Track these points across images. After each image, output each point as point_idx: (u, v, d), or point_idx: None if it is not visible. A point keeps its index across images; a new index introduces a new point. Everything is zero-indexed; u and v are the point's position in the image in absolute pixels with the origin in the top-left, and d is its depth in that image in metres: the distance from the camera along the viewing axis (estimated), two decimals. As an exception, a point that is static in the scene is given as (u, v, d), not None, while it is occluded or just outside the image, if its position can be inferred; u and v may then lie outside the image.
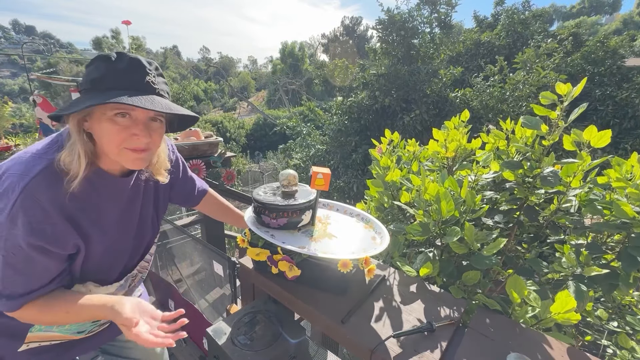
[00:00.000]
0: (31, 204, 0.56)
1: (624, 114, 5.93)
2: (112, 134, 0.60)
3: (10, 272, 0.58)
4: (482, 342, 0.66)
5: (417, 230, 0.88)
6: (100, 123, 0.60)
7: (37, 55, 10.69)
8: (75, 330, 0.77)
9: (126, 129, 0.61)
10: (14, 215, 0.55)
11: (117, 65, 0.58)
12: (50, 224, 0.58)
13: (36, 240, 0.57)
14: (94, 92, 0.58)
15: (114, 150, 0.62)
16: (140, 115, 0.62)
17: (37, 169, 0.58)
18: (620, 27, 30.26)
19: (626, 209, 0.70)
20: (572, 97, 0.79)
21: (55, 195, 0.58)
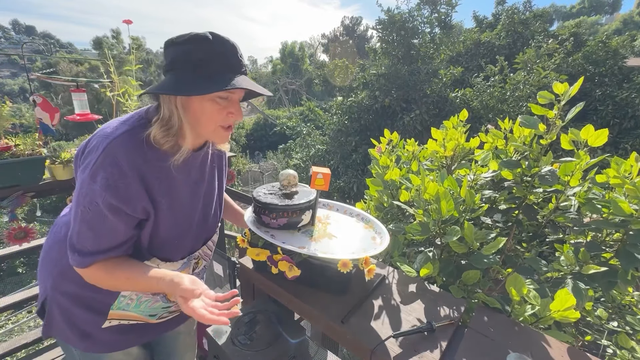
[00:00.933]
0: (110, 162, 0.59)
1: (624, 114, 5.92)
2: (214, 113, 0.64)
3: (85, 227, 0.61)
4: (482, 342, 0.66)
5: (417, 229, 0.88)
6: (202, 103, 0.63)
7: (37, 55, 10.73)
8: (147, 314, 0.80)
9: (225, 109, 0.65)
10: (95, 171, 0.59)
11: (218, 48, 0.61)
12: (125, 183, 0.60)
13: (111, 196, 0.59)
14: (202, 73, 0.60)
15: (210, 128, 0.66)
16: (238, 95, 0.67)
17: (120, 131, 0.62)
18: (620, 27, 30.26)
19: (624, 207, 0.70)
20: (569, 96, 0.80)
21: (133, 158, 0.61)
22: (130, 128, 0.63)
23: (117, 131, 0.62)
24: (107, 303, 0.74)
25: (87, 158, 0.62)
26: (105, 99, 1.66)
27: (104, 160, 0.59)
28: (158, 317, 0.83)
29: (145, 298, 0.77)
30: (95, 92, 9.42)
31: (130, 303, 0.76)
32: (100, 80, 1.63)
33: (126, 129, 0.63)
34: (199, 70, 0.60)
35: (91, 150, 0.62)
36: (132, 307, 0.77)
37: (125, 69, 1.62)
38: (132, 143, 0.62)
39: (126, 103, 1.51)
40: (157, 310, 0.81)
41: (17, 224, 1.27)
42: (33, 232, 1.31)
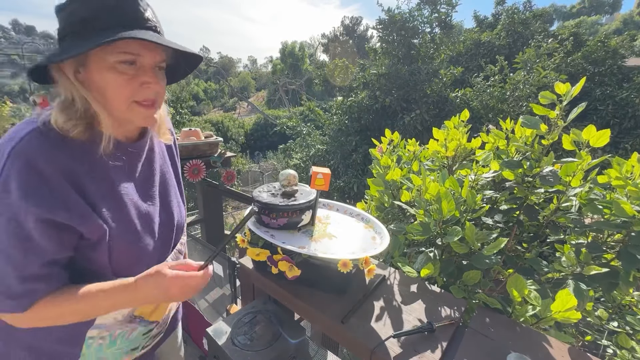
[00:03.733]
0: (23, 165, 0.47)
1: (624, 114, 5.92)
2: (120, 85, 0.51)
3: (3, 261, 0.47)
4: (482, 342, 0.66)
5: (418, 229, 0.88)
6: (101, 73, 0.51)
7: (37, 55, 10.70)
8: (128, 349, 0.67)
9: (134, 78, 0.52)
10: (5, 181, 0.46)
11: (109, 2, 0.49)
12: (48, 186, 0.48)
13: (34, 205, 0.46)
14: (88, 33, 0.48)
15: (122, 106, 0.53)
16: (148, 60, 0.53)
17: (24, 132, 0.49)
18: (621, 27, 30.26)
19: (626, 208, 0.69)
20: (571, 96, 0.79)
21: (51, 155, 0.49)
22: (35, 126, 0.50)
23: (20, 132, 0.49)
24: (74, 354, 0.60)
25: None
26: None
27: (12, 166, 0.47)
28: (141, 348, 0.70)
29: (120, 330, 0.63)
30: (95, 92, 9.34)
31: (103, 342, 0.62)
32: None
33: (33, 127, 0.50)
34: (84, 32, 0.48)
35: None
36: (107, 347, 0.63)
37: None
38: (45, 139, 0.50)
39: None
40: (138, 340, 0.68)
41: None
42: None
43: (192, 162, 2.11)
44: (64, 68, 0.52)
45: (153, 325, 0.70)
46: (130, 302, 0.55)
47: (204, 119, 17.41)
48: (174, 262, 0.57)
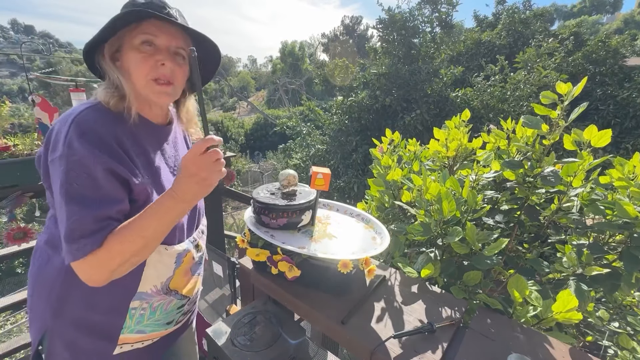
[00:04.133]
0: (85, 129, 0.56)
1: (625, 114, 5.91)
2: (139, 61, 0.61)
3: (76, 206, 0.53)
4: (482, 343, 0.65)
5: (419, 230, 0.88)
6: (128, 54, 0.62)
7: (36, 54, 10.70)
8: (164, 322, 0.75)
9: (151, 56, 0.62)
10: (69, 142, 0.54)
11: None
12: (107, 144, 0.57)
13: (101, 153, 0.55)
14: (114, 18, 0.60)
15: (142, 82, 0.62)
16: (164, 41, 0.63)
17: (82, 107, 0.60)
18: (622, 27, 30.23)
19: (628, 209, 0.69)
20: (573, 96, 0.79)
21: (105, 123, 0.59)
22: (91, 104, 0.61)
23: (80, 107, 0.60)
24: (118, 325, 0.67)
25: (55, 146, 0.57)
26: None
27: (75, 130, 0.55)
28: (175, 323, 0.79)
29: (158, 301, 0.71)
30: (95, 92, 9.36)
31: (144, 313, 0.69)
32: (99, 80, 1.62)
33: (88, 105, 0.61)
34: (114, 17, 0.59)
35: (57, 138, 0.57)
36: (147, 318, 0.71)
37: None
38: (98, 111, 0.60)
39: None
40: (172, 313, 0.77)
41: (16, 224, 1.27)
42: (32, 232, 1.31)
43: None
44: (106, 52, 0.63)
45: (185, 300, 0.78)
46: (177, 205, 0.59)
47: (204, 118, 17.35)
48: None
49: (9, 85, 45.23)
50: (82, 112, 0.58)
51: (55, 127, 0.59)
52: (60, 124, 0.58)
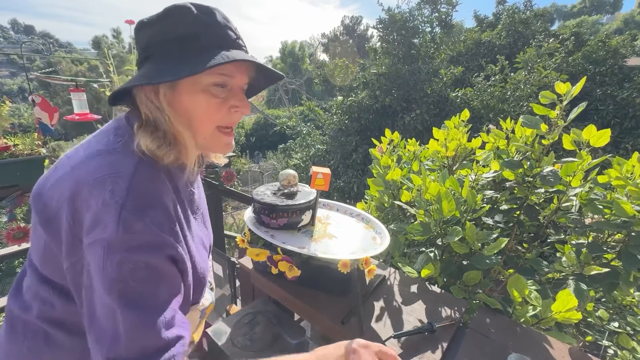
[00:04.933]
0: (147, 202, 0.42)
1: (625, 114, 5.91)
2: (211, 108, 0.48)
3: (135, 314, 0.38)
4: (482, 343, 0.65)
5: (418, 230, 0.88)
6: (193, 95, 0.47)
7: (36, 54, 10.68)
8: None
9: (225, 102, 0.49)
10: (126, 222, 0.39)
11: (204, 18, 0.46)
12: (169, 221, 0.44)
13: (167, 237, 0.43)
14: (188, 52, 0.45)
15: (207, 131, 0.50)
16: (240, 82, 0.51)
17: (129, 163, 0.44)
18: (622, 27, 30.23)
19: (626, 208, 0.69)
20: (572, 96, 0.79)
21: (163, 191, 0.46)
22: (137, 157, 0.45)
23: (123, 164, 0.43)
24: None
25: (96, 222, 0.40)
26: (104, 99, 1.66)
27: (136, 204, 0.41)
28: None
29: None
30: (95, 92, 9.39)
31: None
32: (99, 80, 1.63)
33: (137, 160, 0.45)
34: (181, 51, 0.46)
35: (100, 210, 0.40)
36: None
37: (126, 68, 1.62)
38: (152, 172, 0.46)
39: (126, 102, 1.51)
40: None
41: (16, 224, 1.27)
42: (32, 232, 1.31)
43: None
44: (159, 90, 0.47)
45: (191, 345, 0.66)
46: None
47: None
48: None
49: (9, 85, 45.24)
50: (136, 175, 0.43)
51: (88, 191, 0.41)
52: (100, 187, 0.41)
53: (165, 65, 0.46)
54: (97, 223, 0.40)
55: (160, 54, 0.47)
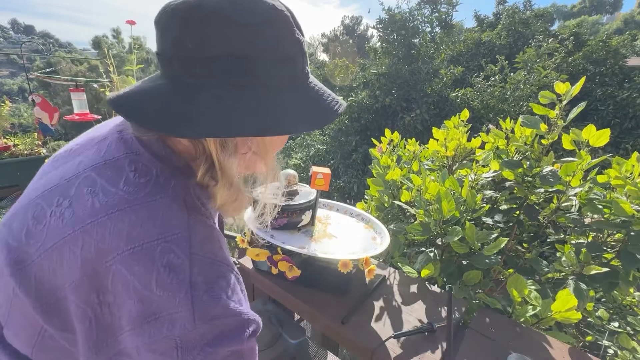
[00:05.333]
0: (216, 271, 0.32)
1: (625, 114, 5.92)
2: (277, 146, 0.40)
3: None
4: (482, 343, 0.65)
5: (418, 229, 0.88)
6: (279, 140, 0.40)
7: (36, 54, 10.68)
8: None
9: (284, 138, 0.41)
10: (202, 308, 0.29)
11: (300, 35, 0.35)
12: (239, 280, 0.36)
13: (249, 319, 0.34)
14: (298, 85, 0.35)
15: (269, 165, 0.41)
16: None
17: (177, 217, 0.32)
18: (621, 27, 30.24)
19: (626, 207, 0.69)
20: (571, 96, 0.79)
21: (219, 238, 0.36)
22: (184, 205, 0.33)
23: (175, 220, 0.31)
24: None
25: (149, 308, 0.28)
26: (104, 99, 1.65)
27: (205, 278, 0.30)
28: None
29: None
30: (95, 92, 9.40)
31: None
32: (99, 80, 1.63)
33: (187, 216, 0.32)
34: (292, 83, 0.34)
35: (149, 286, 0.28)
36: None
37: (126, 68, 1.62)
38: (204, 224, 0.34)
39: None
40: None
41: (17, 223, 1.27)
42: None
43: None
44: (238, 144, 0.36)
45: None
46: None
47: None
48: None
49: (9, 85, 45.24)
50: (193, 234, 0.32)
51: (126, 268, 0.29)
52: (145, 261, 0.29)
53: (279, 102, 0.32)
54: (156, 316, 0.28)
55: (263, 78, 0.32)
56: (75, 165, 0.34)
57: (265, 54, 0.31)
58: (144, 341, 0.28)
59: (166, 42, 0.32)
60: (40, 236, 0.30)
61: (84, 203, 0.30)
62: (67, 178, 0.33)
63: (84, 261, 0.29)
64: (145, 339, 0.28)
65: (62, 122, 13.67)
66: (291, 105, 0.33)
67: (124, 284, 0.28)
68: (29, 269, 0.31)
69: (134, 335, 0.29)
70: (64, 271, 0.29)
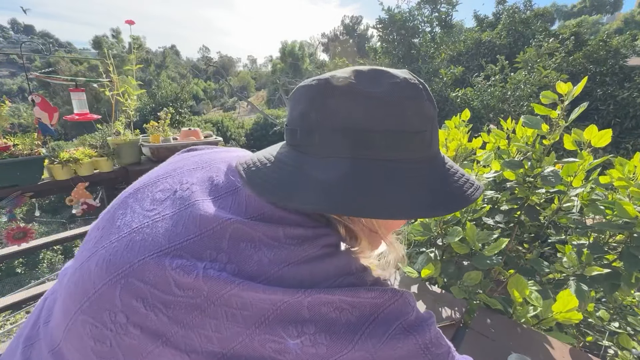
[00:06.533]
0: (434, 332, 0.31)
1: (626, 114, 5.91)
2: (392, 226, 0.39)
3: None
4: (483, 343, 0.65)
5: (418, 230, 0.88)
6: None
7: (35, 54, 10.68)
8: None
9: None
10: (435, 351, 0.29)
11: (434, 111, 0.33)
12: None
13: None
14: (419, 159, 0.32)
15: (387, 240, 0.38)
16: None
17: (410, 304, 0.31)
18: (622, 27, 30.23)
19: (628, 209, 0.69)
20: (573, 96, 0.79)
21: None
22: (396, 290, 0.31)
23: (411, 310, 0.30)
24: None
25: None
26: (104, 99, 1.65)
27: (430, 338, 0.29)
28: None
29: None
30: (95, 92, 9.40)
31: None
32: (99, 80, 1.62)
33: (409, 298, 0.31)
34: (425, 152, 0.32)
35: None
36: None
37: (126, 68, 1.61)
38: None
39: (125, 103, 1.51)
40: None
41: (16, 224, 1.27)
42: (32, 232, 1.31)
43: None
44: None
45: None
46: None
47: (204, 118, 17.42)
48: None
49: (9, 85, 45.23)
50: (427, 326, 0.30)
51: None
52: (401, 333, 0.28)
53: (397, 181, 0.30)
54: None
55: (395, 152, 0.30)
56: (212, 215, 0.31)
57: (386, 126, 0.30)
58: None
59: (296, 115, 0.33)
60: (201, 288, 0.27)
61: (248, 258, 0.29)
62: (208, 229, 0.30)
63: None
64: None
65: (62, 122, 13.65)
66: (411, 184, 0.30)
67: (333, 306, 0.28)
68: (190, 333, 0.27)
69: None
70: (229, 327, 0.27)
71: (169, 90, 13.82)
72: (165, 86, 16.13)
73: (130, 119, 1.53)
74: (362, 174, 0.30)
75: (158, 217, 0.32)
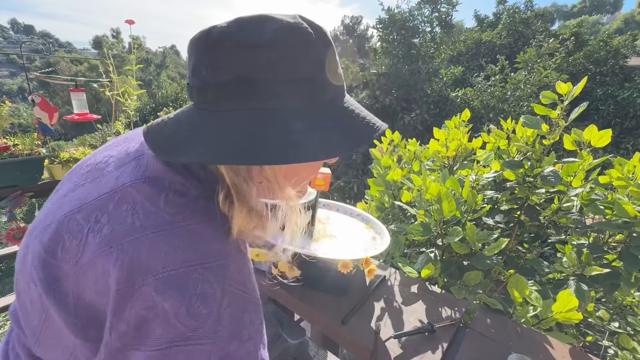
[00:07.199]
0: (243, 306, 0.32)
1: (626, 114, 5.91)
2: (311, 171, 0.38)
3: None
4: (483, 343, 0.65)
5: (418, 230, 0.88)
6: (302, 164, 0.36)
7: (35, 54, 10.67)
8: None
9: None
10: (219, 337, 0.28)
11: (326, 51, 0.33)
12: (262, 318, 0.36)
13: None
14: (320, 107, 0.32)
15: (292, 193, 0.37)
16: None
17: (220, 244, 0.31)
18: (622, 27, 30.22)
19: (628, 209, 0.69)
20: (573, 96, 0.79)
21: (251, 272, 0.37)
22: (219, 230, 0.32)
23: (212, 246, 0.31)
24: None
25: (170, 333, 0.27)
26: (104, 99, 1.66)
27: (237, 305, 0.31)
28: None
29: None
30: (94, 92, 9.41)
31: None
32: (99, 80, 1.62)
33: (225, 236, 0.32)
34: (314, 106, 0.32)
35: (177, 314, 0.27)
36: None
37: (126, 68, 1.61)
38: (239, 251, 0.35)
39: (125, 102, 1.51)
40: None
41: (16, 224, 1.27)
42: (32, 232, 1.31)
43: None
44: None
45: None
46: None
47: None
48: None
49: (9, 85, 45.23)
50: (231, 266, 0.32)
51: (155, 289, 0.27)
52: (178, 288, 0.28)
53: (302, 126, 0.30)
54: (173, 344, 0.27)
55: (285, 100, 0.30)
56: (114, 180, 0.33)
57: (274, 74, 0.29)
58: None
59: (189, 72, 0.32)
60: (77, 252, 0.29)
61: (123, 220, 0.29)
62: (105, 192, 0.32)
63: (118, 275, 0.27)
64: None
65: (62, 122, 13.66)
66: (299, 128, 0.30)
67: (150, 306, 0.27)
68: (66, 286, 0.30)
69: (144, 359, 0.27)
70: (98, 287, 0.28)
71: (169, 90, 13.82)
72: (165, 86, 16.11)
73: (130, 118, 1.53)
74: (250, 126, 0.29)
75: (76, 187, 0.35)
